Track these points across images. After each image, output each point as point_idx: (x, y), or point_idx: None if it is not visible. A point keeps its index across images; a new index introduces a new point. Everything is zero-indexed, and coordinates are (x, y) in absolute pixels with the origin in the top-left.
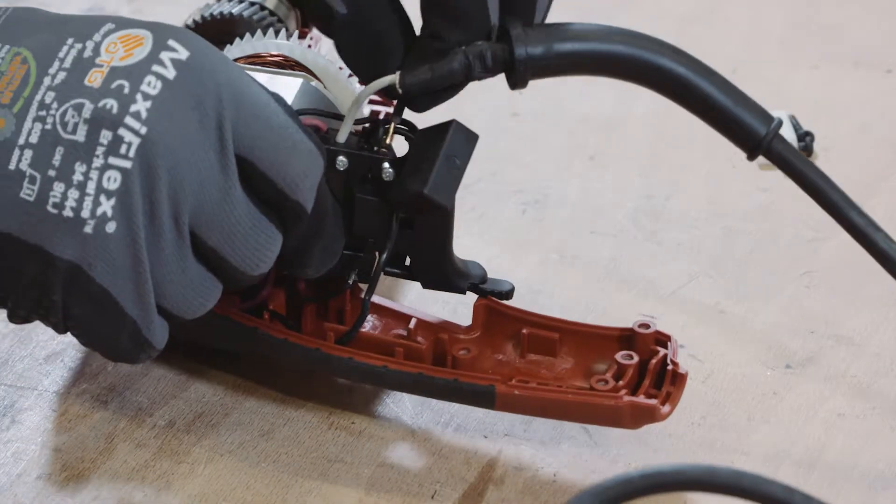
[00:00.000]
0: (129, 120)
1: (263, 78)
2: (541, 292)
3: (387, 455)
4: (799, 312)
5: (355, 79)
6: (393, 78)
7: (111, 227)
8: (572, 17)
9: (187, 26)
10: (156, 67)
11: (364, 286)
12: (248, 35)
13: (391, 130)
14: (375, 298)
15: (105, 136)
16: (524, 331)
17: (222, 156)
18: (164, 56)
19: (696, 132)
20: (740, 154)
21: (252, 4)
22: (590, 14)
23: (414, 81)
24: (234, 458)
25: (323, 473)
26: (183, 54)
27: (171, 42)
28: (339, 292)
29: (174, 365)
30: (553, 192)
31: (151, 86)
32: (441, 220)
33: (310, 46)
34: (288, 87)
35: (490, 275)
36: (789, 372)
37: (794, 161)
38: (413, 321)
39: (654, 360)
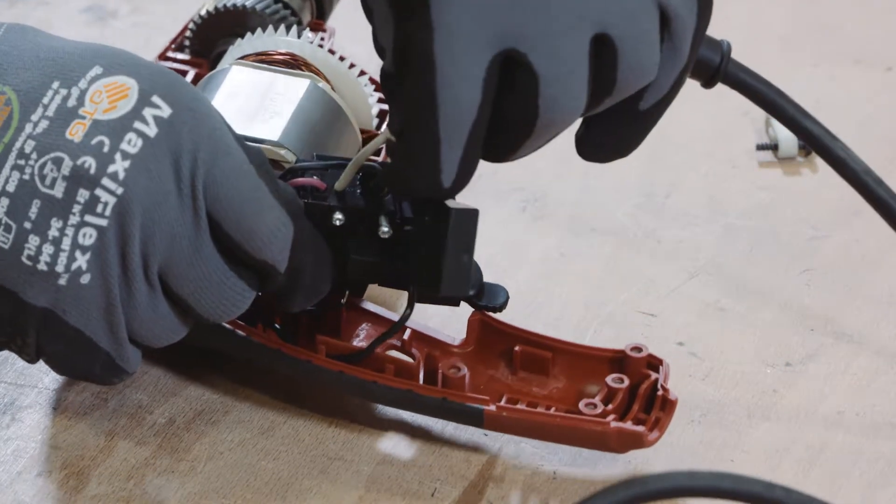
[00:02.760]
0: (105, 181)
1: (268, 78)
2: (541, 290)
3: (387, 453)
4: (799, 310)
5: (366, 78)
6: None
7: (85, 279)
8: None
9: (200, 17)
10: (137, 124)
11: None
12: (259, 31)
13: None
14: (371, 307)
15: (82, 194)
16: (517, 348)
17: (195, 214)
18: (147, 113)
19: (696, 131)
20: (741, 152)
21: None
22: None
23: None
24: (235, 456)
25: (323, 471)
26: (165, 111)
27: (155, 98)
28: (332, 309)
29: (174, 363)
30: (553, 190)
31: (132, 144)
32: (438, 241)
33: (323, 40)
34: (294, 88)
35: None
36: (789, 369)
37: (749, 80)
38: (408, 332)
39: (644, 385)
